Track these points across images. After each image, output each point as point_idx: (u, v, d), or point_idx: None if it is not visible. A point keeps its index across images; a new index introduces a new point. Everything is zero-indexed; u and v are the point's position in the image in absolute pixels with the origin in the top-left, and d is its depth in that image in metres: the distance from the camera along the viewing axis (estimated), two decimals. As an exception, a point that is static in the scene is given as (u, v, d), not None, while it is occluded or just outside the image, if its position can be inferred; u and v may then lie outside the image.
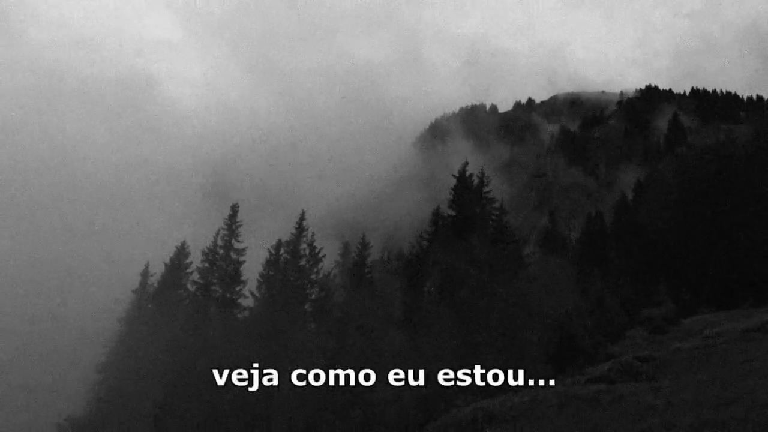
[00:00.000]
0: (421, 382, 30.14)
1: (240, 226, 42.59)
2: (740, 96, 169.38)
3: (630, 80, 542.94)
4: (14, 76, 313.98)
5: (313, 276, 40.26)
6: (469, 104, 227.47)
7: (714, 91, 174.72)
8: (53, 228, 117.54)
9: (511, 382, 26.62)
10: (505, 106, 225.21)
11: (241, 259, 42.07)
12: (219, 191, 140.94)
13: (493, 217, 43.99)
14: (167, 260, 43.01)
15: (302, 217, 41.61)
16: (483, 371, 29.99)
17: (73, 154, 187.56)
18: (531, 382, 25.21)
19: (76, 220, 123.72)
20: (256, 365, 33.71)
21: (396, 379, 30.43)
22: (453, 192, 44.18)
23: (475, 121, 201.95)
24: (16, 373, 54.64)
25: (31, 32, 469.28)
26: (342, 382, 31.64)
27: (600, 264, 48.75)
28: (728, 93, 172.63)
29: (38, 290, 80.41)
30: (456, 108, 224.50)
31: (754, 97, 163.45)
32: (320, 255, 40.99)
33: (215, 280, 40.95)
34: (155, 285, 42.29)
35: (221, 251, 41.46)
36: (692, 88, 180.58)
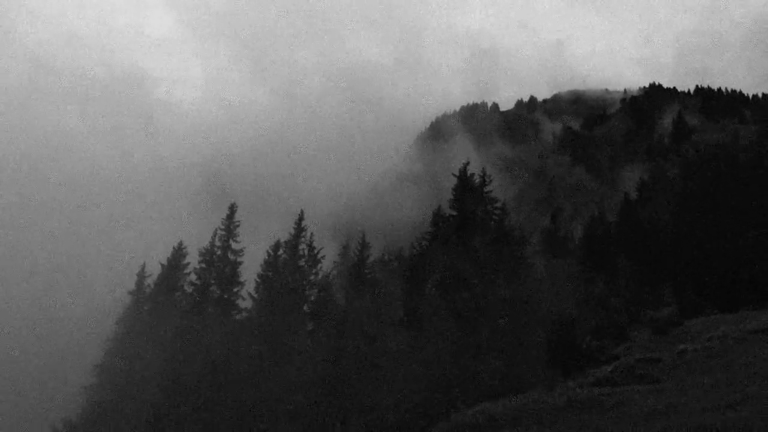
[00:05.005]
0: (422, 384, 29.78)
1: (238, 226, 42.24)
2: (745, 94, 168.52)
3: (634, 78, 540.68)
4: (8, 73, 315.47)
5: (312, 277, 39.92)
6: (471, 102, 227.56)
7: (719, 89, 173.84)
8: (48, 228, 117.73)
9: (513, 384, 26.22)
10: (507, 104, 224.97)
11: (239, 259, 41.72)
12: (217, 191, 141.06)
13: (495, 217, 43.44)
14: (164, 261, 42.65)
15: (301, 217, 41.27)
16: (485, 373, 29.62)
17: (68, 153, 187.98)
18: (533, 384, 24.81)
19: (72, 220, 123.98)
20: (254, 367, 33.46)
21: (396, 381, 30.09)
22: (454, 191, 43.65)
23: (477, 119, 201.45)
24: (12, 374, 54.48)
25: (26, 29, 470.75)
26: (341, 384, 31.34)
27: (603, 264, 48.20)
28: (733, 91, 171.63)
29: (34, 291, 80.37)
30: (457, 106, 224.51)
31: (760, 95, 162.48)
32: (319, 255, 40.64)
33: (212, 281, 40.61)
34: (152, 286, 41.93)
35: (219, 252, 41.11)
36: (697, 86, 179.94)
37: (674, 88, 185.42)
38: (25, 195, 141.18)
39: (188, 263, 42.64)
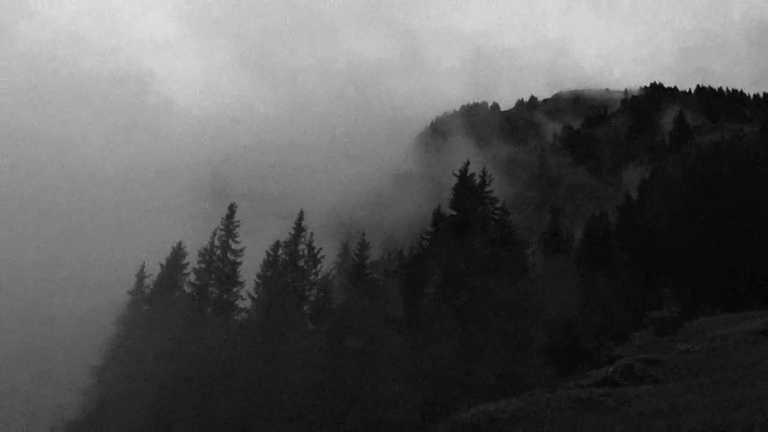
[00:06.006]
0: (422, 384, 29.69)
1: (237, 226, 42.10)
2: (746, 94, 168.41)
3: (634, 78, 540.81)
4: (7, 73, 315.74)
5: (311, 277, 39.85)
6: (471, 102, 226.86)
7: (720, 88, 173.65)
8: (47, 228, 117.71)
9: (514, 384, 26.12)
10: (507, 104, 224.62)
11: (239, 260, 41.58)
12: (216, 191, 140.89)
13: (495, 217, 43.32)
14: (163, 261, 42.52)
15: (301, 217, 41.20)
16: (485, 373, 29.53)
17: (68, 153, 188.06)
18: (534, 385, 24.72)
19: (71, 220, 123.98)
20: (253, 367, 33.36)
21: (396, 382, 29.99)
22: (454, 191, 43.53)
23: (477, 119, 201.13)
24: (11, 375, 54.42)
25: (25, 29, 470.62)
26: (341, 385, 31.24)
27: (604, 265, 48.04)
28: (734, 91, 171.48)
29: (32, 291, 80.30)
30: (457, 106, 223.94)
31: (761, 94, 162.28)
32: (319, 256, 40.56)
33: (212, 282, 40.47)
34: (151, 286, 41.81)
35: (218, 252, 40.97)
36: (698, 85, 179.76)
37: (675, 87, 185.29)
38: (25, 194, 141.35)
39: (188, 263, 42.50)
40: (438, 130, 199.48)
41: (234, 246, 41.78)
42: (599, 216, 63.43)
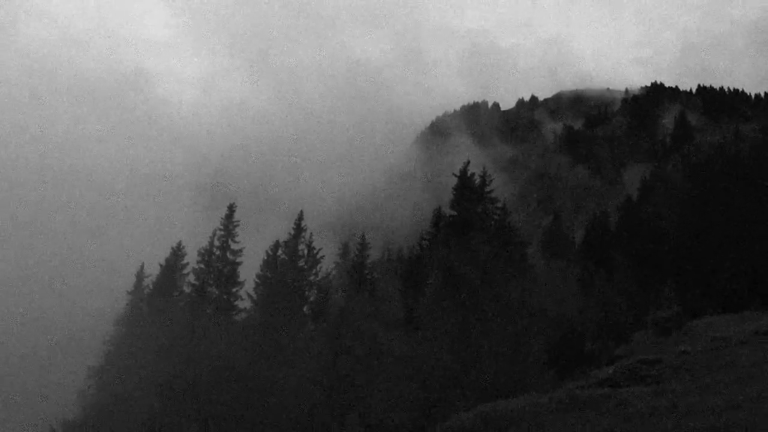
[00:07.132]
0: (421, 385, 29.60)
1: (237, 226, 42.08)
2: (748, 93, 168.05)
3: (635, 77, 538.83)
4: (6, 73, 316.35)
5: (311, 277, 39.82)
6: (471, 102, 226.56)
7: (721, 88, 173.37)
8: (46, 228, 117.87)
9: (513, 385, 26.01)
10: (507, 103, 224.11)
11: (238, 260, 41.58)
12: (216, 191, 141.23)
13: (496, 216, 43.29)
14: (162, 261, 42.50)
15: (300, 217, 41.20)
16: (484, 374, 29.43)
17: (67, 153, 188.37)
18: (534, 385, 24.59)
19: (70, 220, 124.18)
20: (253, 368, 33.31)
21: (395, 382, 29.90)
22: (454, 191, 43.51)
23: (477, 119, 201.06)
24: (9, 376, 54.44)
25: (23, 29, 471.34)
26: (340, 386, 31.19)
27: (605, 265, 47.91)
28: (735, 90, 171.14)
29: (31, 292, 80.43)
30: (457, 105, 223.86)
31: (762, 94, 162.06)
32: (319, 256, 40.55)
33: (211, 282, 40.49)
34: (150, 286, 41.81)
35: (217, 252, 40.98)
36: (699, 85, 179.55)
37: (676, 87, 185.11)
38: (24, 195, 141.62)
39: (187, 263, 42.52)
40: (438, 130, 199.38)
41: (234, 246, 41.77)
42: (600, 216, 63.41)
